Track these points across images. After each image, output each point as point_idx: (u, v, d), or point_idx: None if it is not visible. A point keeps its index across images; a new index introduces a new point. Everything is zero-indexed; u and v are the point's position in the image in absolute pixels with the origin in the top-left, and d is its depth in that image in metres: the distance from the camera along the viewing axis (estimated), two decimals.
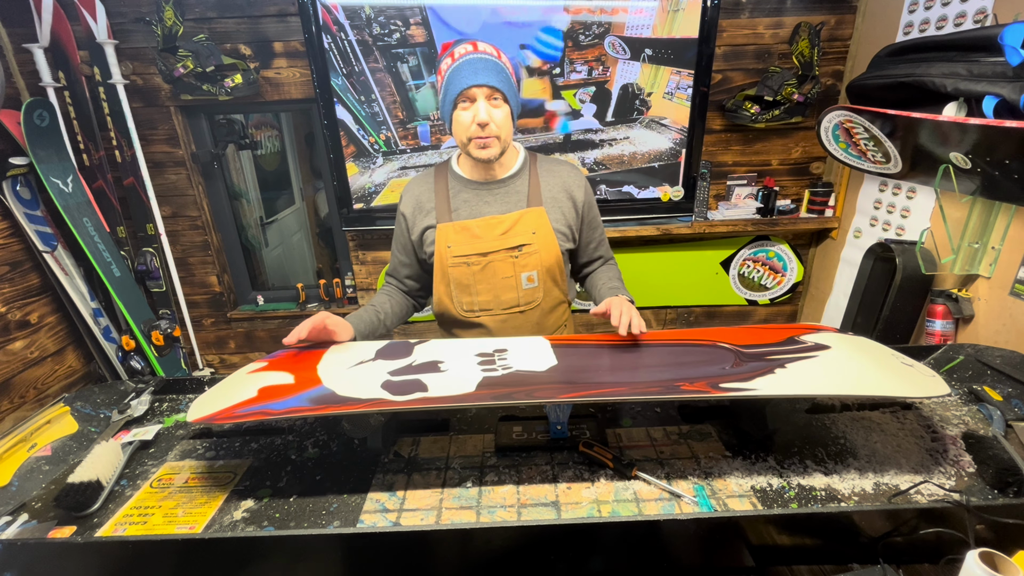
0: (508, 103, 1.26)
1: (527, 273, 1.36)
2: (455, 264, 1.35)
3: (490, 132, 1.25)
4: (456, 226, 1.35)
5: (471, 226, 1.35)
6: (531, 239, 1.35)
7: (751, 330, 1.24)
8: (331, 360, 1.14)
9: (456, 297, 1.39)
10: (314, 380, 1.05)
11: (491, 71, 1.23)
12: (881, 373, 1.01)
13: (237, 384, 1.08)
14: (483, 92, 1.23)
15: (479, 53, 1.24)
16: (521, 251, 1.35)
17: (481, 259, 1.35)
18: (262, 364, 1.16)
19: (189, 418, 0.97)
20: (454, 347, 1.19)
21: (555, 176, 1.40)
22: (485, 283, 1.37)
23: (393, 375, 1.06)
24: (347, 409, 0.95)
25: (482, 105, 1.23)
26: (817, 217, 2.59)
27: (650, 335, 1.26)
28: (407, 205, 1.41)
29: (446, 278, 1.38)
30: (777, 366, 1.01)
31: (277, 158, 3.68)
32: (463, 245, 1.34)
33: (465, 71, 1.23)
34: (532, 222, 1.35)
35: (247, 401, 0.99)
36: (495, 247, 1.34)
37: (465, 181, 1.38)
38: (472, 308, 1.39)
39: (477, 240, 1.34)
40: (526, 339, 1.23)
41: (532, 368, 1.07)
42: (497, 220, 1.35)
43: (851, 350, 1.09)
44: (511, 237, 1.35)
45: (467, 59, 1.24)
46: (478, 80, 1.22)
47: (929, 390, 0.96)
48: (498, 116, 1.25)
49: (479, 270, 1.35)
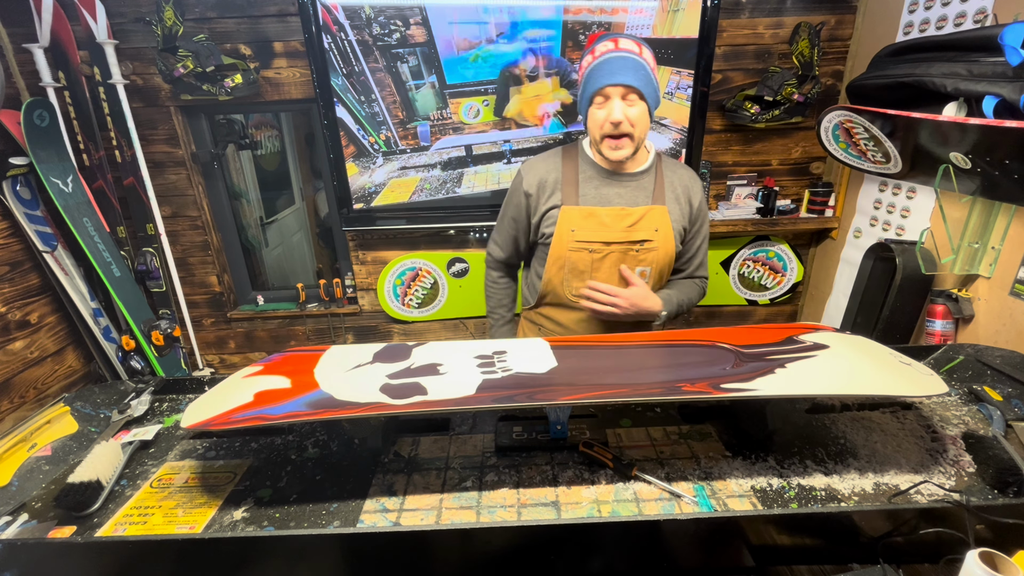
0: (645, 101, 1.27)
1: (642, 268, 1.39)
2: (576, 248, 1.37)
3: (623, 130, 1.27)
4: (583, 211, 1.36)
5: (599, 213, 1.36)
6: (654, 236, 1.37)
7: (750, 330, 1.24)
8: (328, 364, 1.14)
9: (567, 280, 1.41)
10: (311, 384, 1.05)
11: (628, 70, 1.24)
12: (880, 372, 1.01)
13: (233, 388, 1.07)
14: (618, 91, 1.24)
15: (619, 51, 1.25)
16: (643, 246, 1.37)
17: (604, 247, 1.37)
18: (258, 368, 1.15)
19: (184, 424, 0.97)
20: (453, 349, 1.19)
21: (678, 177, 1.43)
22: (602, 271, 1.39)
23: (392, 378, 1.05)
24: (345, 413, 0.94)
25: (616, 104, 1.25)
26: (817, 217, 2.59)
27: (650, 336, 1.26)
28: (531, 184, 1.41)
29: (561, 260, 1.39)
30: (777, 366, 1.01)
31: (277, 158, 3.68)
32: (588, 231, 1.36)
33: (603, 70, 1.25)
34: (656, 219, 1.37)
35: (243, 406, 0.99)
36: (620, 238, 1.36)
37: (598, 167, 1.39)
38: (581, 293, 1.40)
39: (604, 228, 1.36)
40: (526, 340, 1.23)
41: (532, 370, 1.07)
42: (626, 212, 1.36)
43: (850, 349, 1.09)
44: (636, 231, 1.36)
45: (607, 57, 1.25)
46: (614, 80, 1.23)
47: (928, 389, 0.96)
48: (633, 114, 1.26)
49: (599, 258, 1.37)
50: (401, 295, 2.78)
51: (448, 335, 2.88)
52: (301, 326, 2.86)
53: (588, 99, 1.29)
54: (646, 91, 1.26)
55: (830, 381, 0.98)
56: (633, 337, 1.26)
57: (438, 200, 2.49)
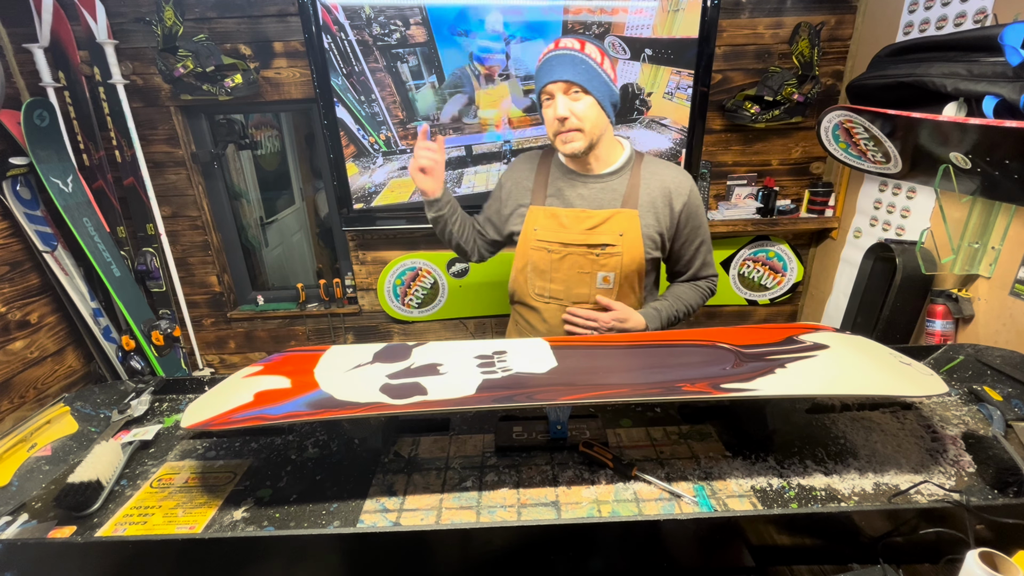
0: (591, 93, 1.26)
1: (604, 273, 1.37)
2: (536, 247, 1.39)
3: (570, 125, 1.27)
4: (546, 211, 1.39)
5: (560, 214, 1.37)
6: (617, 240, 1.34)
7: (750, 330, 1.24)
8: (328, 364, 1.14)
9: (531, 279, 1.43)
10: (311, 384, 1.05)
11: (567, 65, 1.25)
12: (880, 372, 1.01)
13: (232, 389, 1.07)
14: (559, 87, 1.26)
15: (558, 50, 1.27)
16: (603, 251, 1.35)
17: (561, 248, 1.37)
18: (258, 368, 1.15)
19: (184, 424, 0.97)
20: (453, 349, 1.19)
21: (657, 179, 1.36)
22: (561, 273, 1.39)
23: (392, 378, 1.05)
24: (345, 413, 0.94)
25: (561, 100, 1.26)
26: (817, 217, 2.59)
27: (650, 336, 1.26)
28: (509, 177, 1.48)
29: (524, 258, 1.42)
30: (777, 366, 1.01)
31: (277, 158, 3.68)
32: (548, 231, 1.38)
33: (544, 69, 1.28)
34: (622, 224, 1.34)
35: (243, 406, 0.98)
36: (577, 240, 1.36)
37: (565, 169, 1.41)
38: (543, 293, 1.42)
39: (562, 229, 1.37)
40: (526, 341, 1.23)
41: (532, 370, 1.07)
42: (586, 214, 1.36)
43: (850, 349, 1.09)
44: (596, 234, 1.35)
45: (547, 57, 1.28)
46: (553, 76, 1.25)
47: (928, 389, 0.96)
48: (578, 108, 1.26)
49: (558, 259, 1.38)
50: (401, 295, 2.78)
51: (448, 335, 2.88)
52: (301, 326, 2.86)
53: (538, 101, 1.33)
54: (589, 85, 1.25)
55: (830, 381, 0.98)
56: (633, 337, 1.26)
57: None
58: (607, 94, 1.29)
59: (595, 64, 1.27)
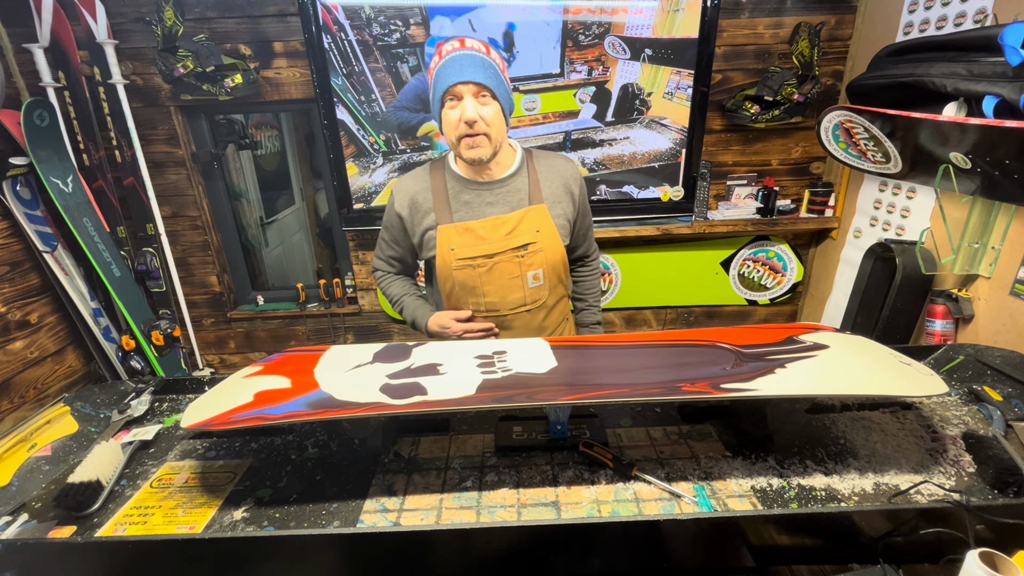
0: (497, 100, 1.24)
1: (533, 272, 1.36)
2: (460, 267, 1.33)
3: (479, 129, 1.22)
4: (459, 228, 1.33)
5: (475, 227, 1.32)
6: (536, 237, 1.34)
7: (750, 330, 1.24)
8: (328, 364, 1.14)
9: (462, 298, 1.38)
10: (311, 384, 1.05)
11: (478, 67, 1.20)
12: (880, 372, 1.01)
13: (233, 389, 1.07)
14: (469, 89, 1.20)
15: (466, 50, 1.22)
16: (527, 250, 1.34)
17: (487, 261, 1.33)
18: (258, 368, 1.15)
19: (184, 424, 0.97)
20: (453, 349, 1.19)
21: (553, 171, 1.38)
22: (491, 284, 1.35)
23: (392, 378, 1.05)
24: (346, 413, 0.94)
25: (469, 103, 1.21)
26: (817, 217, 2.59)
27: (650, 336, 1.26)
28: (402, 205, 1.37)
29: (450, 280, 1.35)
30: (777, 366, 1.01)
31: (277, 158, 3.68)
32: (468, 247, 1.32)
33: (451, 68, 1.20)
34: (535, 220, 1.34)
35: (243, 406, 0.98)
36: (501, 248, 1.33)
37: (465, 181, 1.35)
38: (478, 309, 1.38)
39: (482, 242, 1.32)
40: (526, 341, 1.23)
41: (532, 370, 1.07)
42: (501, 220, 1.33)
43: (850, 349, 1.09)
44: (516, 236, 1.33)
45: (453, 56, 1.21)
46: (464, 77, 1.19)
47: (928, 389, 0.96)
48: (487, 113, 1.22)
49: (485, 272, 1.34)
50: None
51: None
52: (301, 326, 2.86)
53: (439, 100, 1.24)
54: (498, 91, 1.23)
55: (830, 381, 0.98)
56: (633, 337, 1.26)
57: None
58: (509, 103, 1.29)
59: (499, 71, 1.25)
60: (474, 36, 1.28)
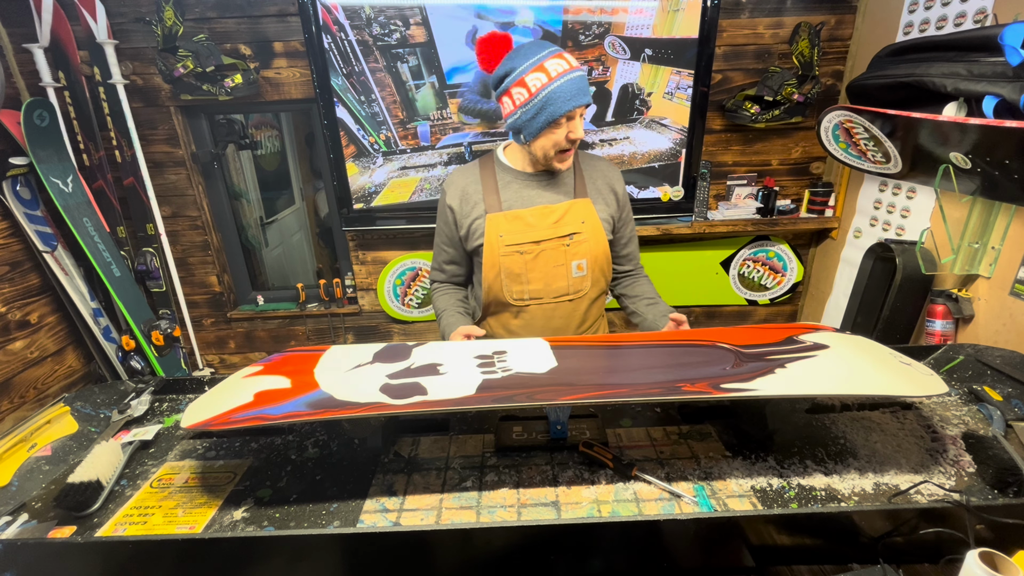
0: None
1: (578, 261, 1.40)
2: (507, 253, 1.38)
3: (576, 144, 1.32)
4: (508, 215, 1.38)
5: (524, 215, 1.38)
6: (581, 228, 1.39)
7: (750, 330, 1.24)
8: (328, 364, 1.14)
9: (507, 285, 1.41)
10: (311, 384, 1.05)
11: (585, 88, 1.26)
12: (880, 372, 1.01)
13: (232, 389, 1.07)
14: (580, 111, 1.28)
15: (574, 70, 1.25)
16: (572, 239, 1.39)
17: (534, 247, 1.38)
18: (258, 368, 1.15)
19: (184, 424, 0.97)
20: (453, 350, 1.19)
21: (597, 171, 1.46)
22: (537, 271, 1.40)
23: (392, 378, 1.05)
24: (345, 413, 0.94)
25: (578, 122, 1.28)
26: (817, 217, 2.59)
27: (650, 336, 1.26)
28: (453, 198, 1.43)
29: (497, 267, 1.40)
30: (777, 366, 1.01)
31: (277, 158, 3.68)
32: (516, 234, 1.38)
33: (569, 91, 1.24)
34: (581, 212, 1.40)
35: (243, 406, 0.98)
36: (548, 235, 1.38)
37: (515, 172, 1.42)
38: (522, 296, 1.42)
39: (530, 228, 1.38)
40: (526, 341, 1.23)
41: (532, 370, 1.07)
42: (549, 209, 1.39)
43: (850, 349, 1.09)
44: (563, 225, 1.38)
45: (569, 78, 1.24)
46: (583, 100, 1.26)
47: (928, 389, 0.96)
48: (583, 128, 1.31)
49: (532, 258, 1.39)
50: (401, 295, 2.78)
51: None
52: (301, 326, 2.86)
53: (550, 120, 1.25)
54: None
55: (830, 381, 0.98)
56: (634, 338, 1.26)
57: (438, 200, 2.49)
58: None
59: None
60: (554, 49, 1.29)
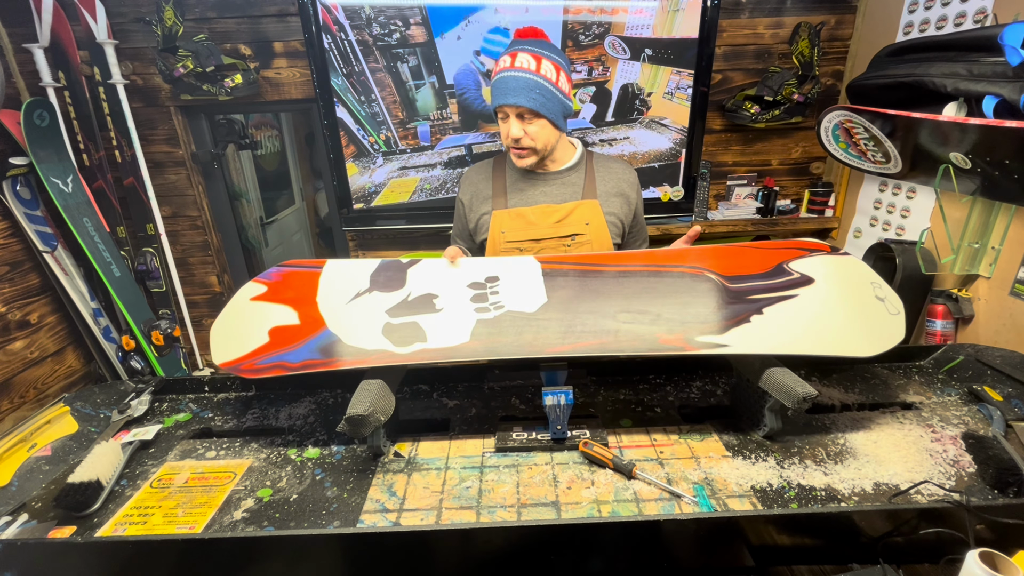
0: (544, 116, 1.28)
1: None
2: (507, 249, 1.40)
3: (523, 144, 1.31)
4: (511, 213, 1.40)
5: (526, 213, 1.39)
6: (584, 230, 1.39)
7: (742, 250, 1.25)
8: (328, 290, 1.22)
9: None
10: (317, 320, 1.18)
11: (521, 91, 1.25)
12: (848, 320, 1.10)
13: (246, 317, 1.21)
14: (514, 111, 1.28)
15: (513, 70, 1.26)
16: (574, 240, 1.39)
17: (534, 245, 1.39)
18: (262, 289, 1.25)
19: (216, 361, 1.12)
20: (447, 275, 1.25)
21: (611, 173, 1.45)
22: None
23: (392, 316, 1.18)
24: (357, 364, 1.08)
25: (513, 123, 1.29)
26: (817, 217, 2.59)
27: (640, 257, 1.27)
28: (466, 192, 1.48)
29: None
30: (754, 312, 1.10)
31: (277, 158, 3.68)
32: (517, 231, 1.39)
33: (500, 89, 1.28)
34: (586, 213, 1.39)
35: (263, 347, 1.13)
36: (548, 234, 1.39)
37: (523, 172, 1.43)
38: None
39: (531, 227, 1.39)
40: (516, 262, 1.26)
41: (523, 308, 1.17)
42: (552, 208, 1.39)
43: (833, 283, 1.16)
44: (565, 226, 1.39)
45: (503, 76, 1.27)
46: (507, 100, 1.26)
47: (877, 346, 1.08)
48: (531, 130, 1.30)
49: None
50: None
51: None
52: None
53: (494, 112, 1.34)
54: (543, 109, 1.27)
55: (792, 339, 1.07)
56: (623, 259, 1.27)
57: (438, 200, 2.49)
58: (560, 111, 1.32)
59: (550, 84, 1.28)
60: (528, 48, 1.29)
